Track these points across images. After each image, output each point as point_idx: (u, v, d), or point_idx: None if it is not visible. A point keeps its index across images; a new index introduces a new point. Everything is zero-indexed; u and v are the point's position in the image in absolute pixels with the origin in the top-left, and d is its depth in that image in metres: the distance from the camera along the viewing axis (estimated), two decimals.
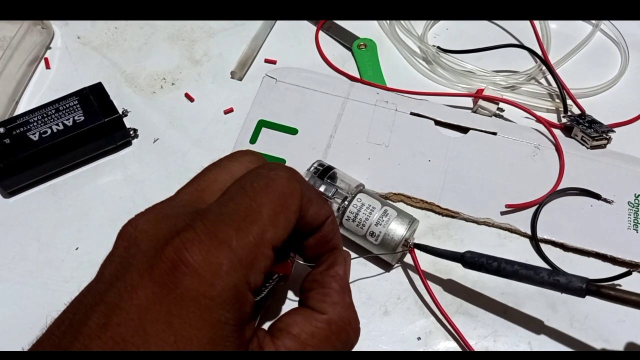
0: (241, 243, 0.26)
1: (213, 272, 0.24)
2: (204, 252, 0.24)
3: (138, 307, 0.23)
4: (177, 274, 0.24)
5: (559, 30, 0.58)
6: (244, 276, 0.25)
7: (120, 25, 0.57)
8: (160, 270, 0.24)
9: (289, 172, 0.30)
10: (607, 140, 0.49)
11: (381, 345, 0.40)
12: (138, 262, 0.25)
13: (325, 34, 0.58)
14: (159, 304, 0.23)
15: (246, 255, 0.26)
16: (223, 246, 0.25)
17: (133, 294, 0.24)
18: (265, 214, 0.27)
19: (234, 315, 0.25)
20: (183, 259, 0.24)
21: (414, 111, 0.50)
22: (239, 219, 0.26)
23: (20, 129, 0.45)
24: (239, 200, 0.27)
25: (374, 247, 0.41)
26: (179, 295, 0.24)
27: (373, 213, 0.40)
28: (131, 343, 0.23)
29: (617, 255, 0.43)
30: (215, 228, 0.25)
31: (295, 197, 0.29)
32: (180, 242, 0.25)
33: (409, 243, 0.40)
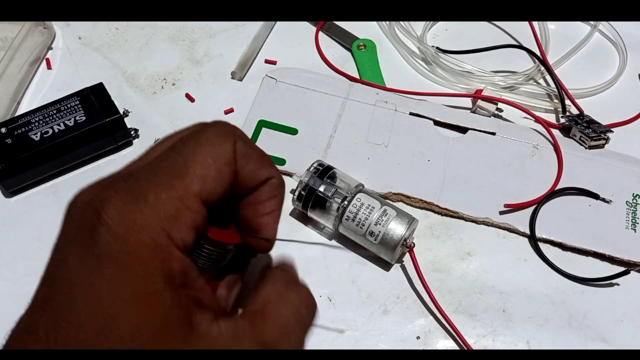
0: (160, 197, 0.25)
1: (126, 226, 0.24)
2: (118, 209, 0.24)
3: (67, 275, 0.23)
4: (95, 234, 0.23)
5: (558, 31, 0.58)
6: (164, 230, 0.24)
7: (121, 26, 0.57)
8: (82, 233, 0.24)
9: (220, 125, 0.29)
10: (605, 140, 0.49)
11: (381, 344, 0.40)
12: (67, 229, 0.25)
13: (325, 35, 0.58)
14: (83, 267, 0.23)
15: (166, 209, 0.25)
16: (138, 201, 0.24)
17: (64, 264, 0.24)
18: (191, 168, 0.26)
19: (155, 270, 0.24)
20: (100, 219, 0.24)
21: (413, 111, 0.51)
22: (161, 174, 0.26)
23: (22, 129, 0.45)
24: (166, 157, 0.26)
25: (373, 247, 0.41)
26: (97, 254, 0.23)
27: (372, 213, 0.40)
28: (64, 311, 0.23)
29: (615, 255, 0.43)
30: (134, 185, 0.25)
31: (226, 149, 0.28)
32: (99, 202, 0.24)
33: (408, 242, 0.40)
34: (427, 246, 0.44)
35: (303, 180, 0.42)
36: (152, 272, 0.24)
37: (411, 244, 0.41)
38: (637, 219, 0.45)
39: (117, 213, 0.24)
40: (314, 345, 0.39)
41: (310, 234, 0.44)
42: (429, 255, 0.44)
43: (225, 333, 0.25)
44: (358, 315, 0.41)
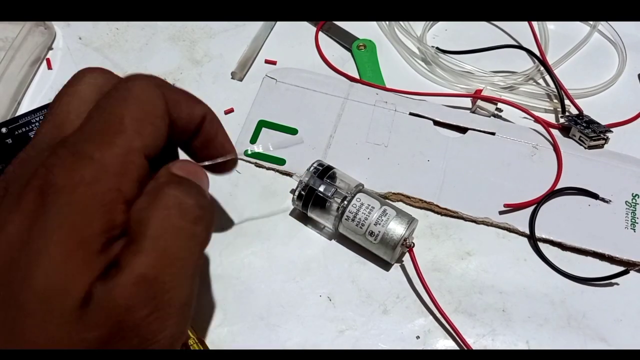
0: (105, 154, 0.25)
1: (75, 184, 0.24)
2: (66, 170, 0.24)
3: (7, 242, 0.24)
4: (43, 198, 0.24)
5: (557, 31, 0.59)
6: (114, 185, 0.25)
7: (122, 26, 0.58)
8: (27, 200, 0.24)
9: (145, 79, 0.29)
10: (604, 141, 0.49)
11: (380, 344, 0.40)
12: (7, 202, 0.25)
13: (325, 35, 0.58)
14: (26, 233, 0.23)
15: (112, 165, 0.25)
16: (85, 160, 0.25)
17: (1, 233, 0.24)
18: (127, 124, 0.26)
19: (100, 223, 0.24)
20: (48, 182, 0.24)
21: (413, 111, 0.51)
22: (101, 134, 0.26)
23: (22, 129, 0.45)
24: (98, 118, 0.27)
25: (373, 247, 0.41)
26: (45, 218, 0.24)
27: (372, 213, 0.41)
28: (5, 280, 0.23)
29: (614, 255, 0.43)
30: (77, 147, 0.25)
31: (157, 102, 0.28)
32: (45, 168, 0.25)
33: (407, 242, 0.40)
34: (427, 246, 0.44)
35: (303, 180, 0.42)
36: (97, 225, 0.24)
37: (411, 244, 0.41)
38: (637, 219, 0.45)
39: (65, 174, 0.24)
40: (314, 345, 0.40)
41: (310, 233, 0.45)
42: (428, 255, 0.44)
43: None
44: (358, 315, 0.41)
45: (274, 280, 0.42)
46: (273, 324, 0.40)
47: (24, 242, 0.23)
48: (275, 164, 0.47)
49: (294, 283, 0.42)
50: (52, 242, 0.23)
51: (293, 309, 0.41)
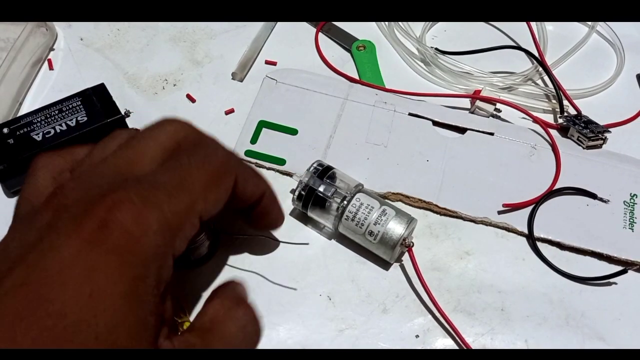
0: (172, 208, 0.26)
1: (142, 231, 0.25)
2: (135, 213, 0.25)
3: (60, 264, 0.23)
4: (106, 232, 0.24)
5: (556, 31, 0.59)
6: (171, 240, 0.26)
7: (123, 27, 0.58)
8: (88, 228, 0.24)
9: (225, 153, 0.32)
10: (603, 141, 0.49)
11: (380, 343, 0.40)
12: (66, 223, 0.25)
13: (325, 36, 0.58)
14: (82, 260, 0.24)
15: (175, 221, 0.27)
16: (155, 209, 0.26)
17: (56, 253, 0.24)
18: (197, 187, 0.28)
19: (152, 275, 0.25)
20: (113, 218, 0.24)
21: (412, 112, 0.51)
22: (171, 187, 0.27)
23: (24, 130, 0.45)
24: (174, 172, 0.28)
25: (372, 246, 0.41)
26: (104, 250, 0.24)
27: (372, 212, 0.41)
28: (46, 298, 0.23)
29: (612, 254, 0.44)
30: (148, 192, 0.26)
31: (229, 177, 0.31)
32: (112, 201, 0.25)
33: (407, 242, 0.41)
34: (426, 245, 0.45)
35: (303, 180, 0.43)
36: (149, 275, 0.25)
37: (410, 244, 0.41)
38: (635, 219, 0.45)
39: (132, 216, 0.25)
40: (314, 344, 0.40)
41: (310, 233, 0.45)
42: (427, 254, 0.44)
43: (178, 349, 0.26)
44: (357, 314, 0.41)
45: (274, 280, 0.42)
46: (273, 323, 0.40)
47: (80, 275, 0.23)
48: (275, 164, 0.48)
49: (294, 282, 0.42)
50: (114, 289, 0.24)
51: (293, 308, 0.41)
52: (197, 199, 0.28)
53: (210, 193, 0.29)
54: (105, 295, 0.23)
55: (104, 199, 0.25)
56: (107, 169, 0.28)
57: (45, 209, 0.26)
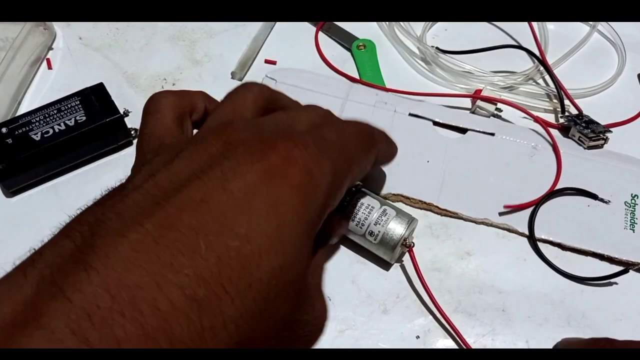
0: (340, 167, 0.27)
1: (322, 176, 0.25)
2: (314, 159, 0.25)
3: (245, 188, 0.23)
4: (290, 168, 0.24)
5: (557, 31, 0.59)
6: (334, 195, 0.27)
7: (122, 26, 0.58)
8: (271, 161, 0.24)
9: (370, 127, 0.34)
10: (604, 141, 0.49)
11: (380, 343, 0.40)
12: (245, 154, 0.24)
13: (325, 35, 0.58)
14: (266, 190, 0.23)
15: (339, 181, 0.27)
16: (330, 162, 0.26)
17: (239, 177, 0.23)
18: (355, 153, 0.30)
19: (318, 222, 0.26)
20: (297, 156, 0.24)
21: (412, 112, 0.51)
22: (338, 148, 0.28)
23: (23, 129, 0.45)
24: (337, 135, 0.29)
25: (373, 246, 0.41)
26: (289, 186, 0.24)
27: (372, 212, 0.41)
28: (232, 219, 0.22)
29: (613, 255, 0.43)
30: (322, 145, 0.26)
31: (375, 149, 0.33)
32: (293, 142, 0.25)
33: (407, 242, 0.41)
34: (427, 246, 0.44)
35: None
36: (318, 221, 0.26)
37: (411, 244, 0.41)
38: (636, 219, 0.45)
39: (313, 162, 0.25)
40: (313, 345, 0.40)
41: None
42: (428, 254, 0.44)
43: None
44: (358, 315, 0.41)
45: None
46: None
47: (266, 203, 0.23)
48: None
49: None
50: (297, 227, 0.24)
51: None
52: (355, 163, 0.30)
53: (362, 161, 0.31)
54: (291, 230, 0.23)
55: (285, 138, 0.25)
56: (269, 121, 0.29)
57: (214, 139, 0.25)
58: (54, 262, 0.21)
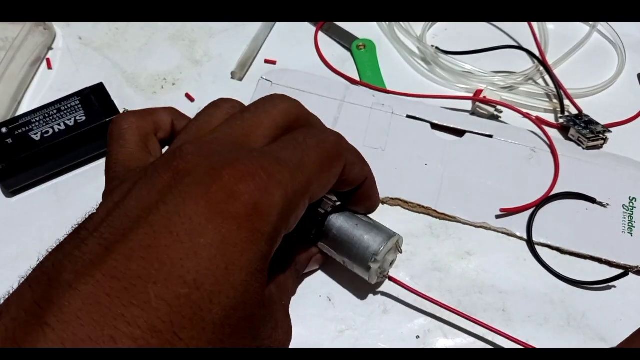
0: (293, 187, 0.27)
1: (269, 207, 0.25)
2: (262, 186, 0.25)
3: (190, 231, 0.23)
4: (235, 202, 0.24)
5: (557, 31, 0.59)
6: (287, 219, 0.27)
7: (122, 26, 0.58)
8: (216, 196, 0.24)
9: (336, 136, 0.33)
10: (603, 141, 0.49)
11: (380, 343, 0.40)
12: (191, 188, 0.24)
13: (325, 35, 0.58)
14: (212, 230, 0.23)
15: (294, 200, 0.27)
16: (280, 187, 0.26)
17: (185, 219, 0.23)
18: (313, 168, 0.29)
19: (270, 252, 0.26)
20: (242, 189, 0.24)
21: (410, 114, 0.50)
22: (293, 166, 0.27)
23: (22, 129, 0.45)
24: (292, 150, 0.28)
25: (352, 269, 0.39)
26: (234, 222, 0.24)
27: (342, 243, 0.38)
28: (179, 265, 0.22)
29: (611, 259, 0.43)
30: (273, 168, 0.26)
31: (340, 162, 0.32)
32: (239, 171, 0.25)
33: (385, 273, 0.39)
34: (427, 245, 0.44)
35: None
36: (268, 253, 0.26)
37: (386, 273, 0.39)
38: (634, 223, 0.45)
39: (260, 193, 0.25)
40: (314, 345, 0.40)
41: None
42: (428, 254, 0.44)
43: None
44: (358, 315, 0.41)
45: None
46: None
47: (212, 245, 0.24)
48: None
49: None
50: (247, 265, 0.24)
51: (293, 309, 0.41)
52: (312, 180, 0.28)
53: (323, 175, 0.30)
54: (240, 270, 0.24)
55: (231, 167, 0.25)
56: (224, 138, 0.28)
57: (163, 170, 0.26)
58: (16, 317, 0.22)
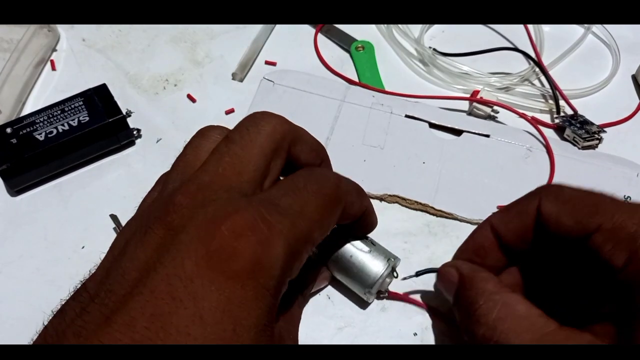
0: (295, 236, 0.26)
1: (272, 260, 0.24)
2: (262, 239, 0.24)
3: (193, 294, 0.22)
4: (238, 261, 0.23)
5: (552, 33, 0.59)
6: (291, 267, 0.26)
7: (124, 28, 0.58)
8: (218, 256, 0.23)
9: (335, 177, 0.32)
10: (598, 141, 0.50)
11: (378, 340, 0.40)
12: (187, 246, 0.23)
13: (324, 36, 0.59)
14: (216, 292, 0.22)
15: (297, 250, 0.26)
16: (280, 236, 0.25)
17: (187, 282, 0.22)
18: (315, 215, 0.28)
19: (275, 304, 0.25)
20: (242, 245, 0.23)
21: (409, 114, 0.51)
22: (293, 213, 0.26)
23: (27, 129, 0.46)
24: (292, 197, 0.27)
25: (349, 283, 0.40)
26: (238, 281, 0.23)
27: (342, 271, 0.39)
28: (186, 334, 0.21)
29: None
30: (272, 218, 0.25)
31: (340, 205, 0.31)
32: (239, 227, 0.24)
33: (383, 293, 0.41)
34: (425, 243, 0.45)
35: None
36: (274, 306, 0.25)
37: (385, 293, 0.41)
38: None
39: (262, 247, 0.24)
40: (313, 343, 0.40)
41: None
42: (426, 252, 0.44)
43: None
44: (356, 313, 0.41)
45: None
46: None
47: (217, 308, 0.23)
48: None
49: None
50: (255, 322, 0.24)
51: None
52: (314, 227, 0.28)
53: (324, 221, 0.29)
54: (248, 330, 0.23)
55: (229, 220, 0.24)
56: (216, 180, 0.27)
57: (156, 226, 0.25)
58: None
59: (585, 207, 0.31)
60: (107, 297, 0.23)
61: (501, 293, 0.32)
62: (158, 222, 0.25)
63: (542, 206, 0.33)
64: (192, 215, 0.25)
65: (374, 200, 0.46)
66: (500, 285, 0.33)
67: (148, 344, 0.21)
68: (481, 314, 0.31)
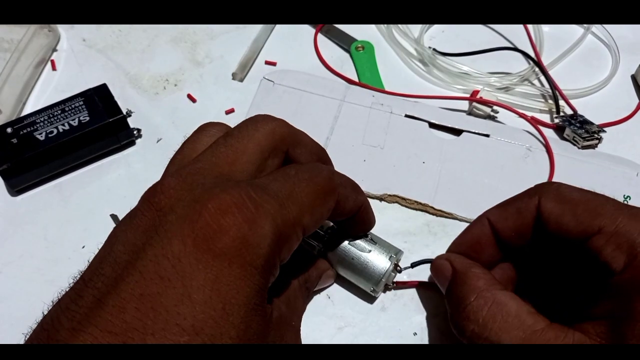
0: (284, 218, 0.26)
1: (259, 239, 0.24)
2: (249, 218, 0.24)
3: (181, 274, 0.22)
4: (224, 239, 0.23)
5: (552, 33, 0.59)
6: (280, 250, 0.26)
7: (125, 28, 0.58)
8: (203, 233, 0.23)
9: (329, 171, 0.31)
10: (598, 140, 0.50)
11: (378, 340, 0.40)
12: (175, 226, 0.23)
13: (324, 36, 0.59)
14: (203, 270, 0.22)
15: (285, 232, 0.26)
16: (268, 217, 0.25)
17: (175, 262, 0.22)
18: (305, 200, 0.28)
19: (265, 284, 0.25)
20: (228, 222, 0.23)
21: (408, 113, 0.51)
22: (282, 197, 0.26)
23: (27, 129, 0.46)
24: (283, 183, 0.27)
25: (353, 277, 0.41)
26: (224, 259, 0.23)
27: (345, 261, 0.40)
28: (175, 312, 0.22)
29: None
30: (260, 198, 0.25)
31: (333, 197, 0.31)
32: (225, 204, 0.24)
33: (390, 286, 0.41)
34: (424, 243, 0.45)
35: None
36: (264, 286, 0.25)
37: (392, 286, 0.41)
38: None
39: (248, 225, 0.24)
40: (313, 342, 0.40)
41: None
42: (426, 252, 0.44)
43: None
44: (356, 312, 0.41)
45: None
46: None
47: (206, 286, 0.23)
48: None
49: None
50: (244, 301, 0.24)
51: None
52: (304, 212, 0.27)
53: (315, 209, 0.29)
54: (238, 308, 0.23)
55: (215, 199, 0.24)
56: (208, 167, 0.27)
57: (145, 209, 0.25)
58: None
59: (587, 209, 0.32)
60: (100, 281, 0.23)
61: (492, 290, 0.32)
62: (146, 204, 0.25)
63: (542, 205, 0.33)
64: (180, 197, 0.25)
65: (373, 200, 0.46)
66: (492, 282, 0.33)
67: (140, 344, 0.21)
68: (471, 310, 0.32)
